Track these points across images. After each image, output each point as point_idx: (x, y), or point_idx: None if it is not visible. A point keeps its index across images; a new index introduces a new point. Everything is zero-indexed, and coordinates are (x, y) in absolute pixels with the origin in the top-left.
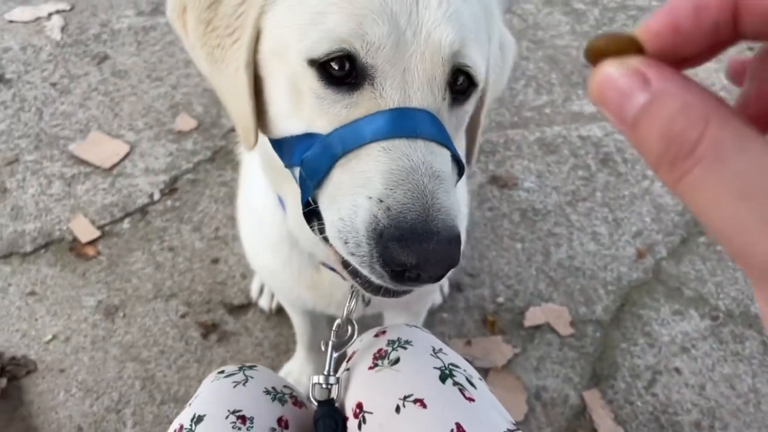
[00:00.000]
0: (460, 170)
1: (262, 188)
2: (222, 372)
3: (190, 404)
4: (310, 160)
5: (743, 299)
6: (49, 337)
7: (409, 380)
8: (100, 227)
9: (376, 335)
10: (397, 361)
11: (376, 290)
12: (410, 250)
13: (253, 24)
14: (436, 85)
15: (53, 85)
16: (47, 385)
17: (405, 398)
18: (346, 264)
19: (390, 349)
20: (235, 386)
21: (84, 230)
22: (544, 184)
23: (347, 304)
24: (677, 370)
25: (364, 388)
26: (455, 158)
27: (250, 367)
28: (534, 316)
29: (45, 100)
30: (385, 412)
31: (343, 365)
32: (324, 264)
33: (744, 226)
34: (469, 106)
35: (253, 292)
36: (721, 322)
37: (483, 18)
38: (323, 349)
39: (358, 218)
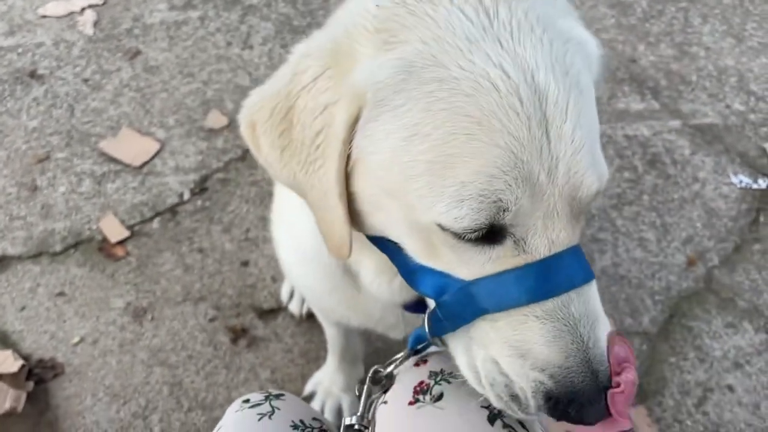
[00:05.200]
0: None
1: (309, 219)
2: (247, 401)
3: None
4: (451, 305)
5: None
6: (77, 339)
7: (454, 421)
8: (129, 227)
9: (416, 364)
10: (440, 397)
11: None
12: (585, 412)
13: (338, 155)
14: (575, 217)
15: (85, 81)
16: (74, 389)
17: None
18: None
19: (432, 382)
20: (260, 419)
21: (114, 230)
22: None
23: (400, 359)
24: (730, 388)
25: (404, 427)
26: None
27: (277, 396)
28: None
29: (77, 96)
30: None
31: (381, 397)
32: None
33: None
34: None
35: (284, 296)
36: None
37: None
38: (357, 394)
39: (523, 383)
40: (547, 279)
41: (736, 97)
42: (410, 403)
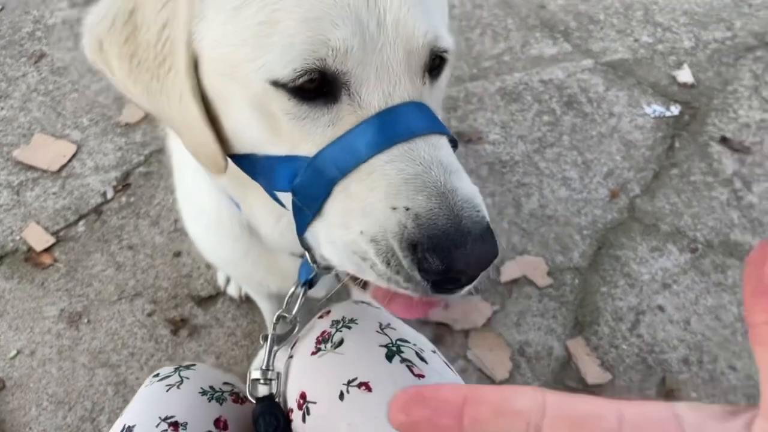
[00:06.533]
0: (454, 147)
1: (206, 185)
2: (156, 375)
3: (122, 414)
4: (304, 186)
5: (722, 228)
6: (14, 352)
7: (353, 363)
8: (54, 233)
9: (321, 316)
10: (341, 343)
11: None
12: (449, 257)
13: (185, 48)
14: (414, 73)
15: None
16: (17, 402)
17: (349, 383)
18: (354, 278)
19: (334, 330)
20: (168, 390)
21: (38, 238)
22: (509, 135)
23: (289, 296)
24: (660, 308)
25: (306, 375)
26: (450, 138)
27: (187, 367)
28: (510, 270)
29: None
30: (328, 401)
31: (287, 352)
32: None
33: None
34: (444, 79)
35: (221, 281)
36: (700, 253)
37: None
38: (261, 342)
39: (387, 232)
40: (387, 129)
41: (644, 30)
42: (312, 353)
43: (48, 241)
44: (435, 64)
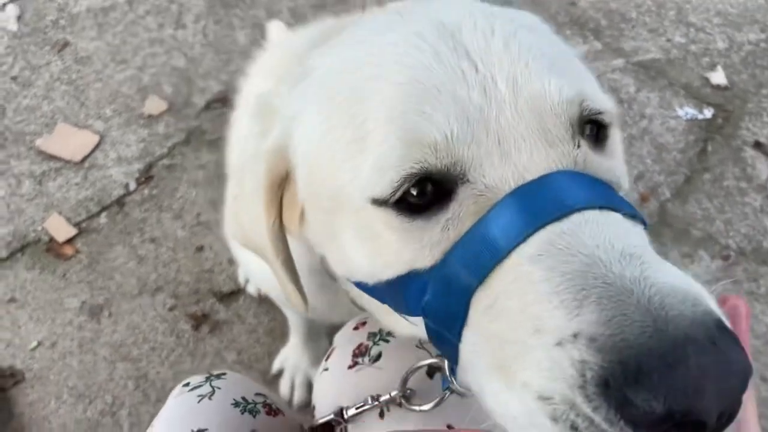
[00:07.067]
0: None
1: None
2: (187, 385)
3: (152, 426)
4: (435, 308)
5: (755, 235)
6: (35, 344)
7: (391, 378)
8: (76, 224)
9: (356, 327)
10: (378, 357)
11: None
12: (667, 384)
13: (265, 175)
14: (557, 138)
15: (14, 78)
16: (37, 395)
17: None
18: None
19: (371, 343)
20: (199, 401)
21: (60, 229)
22: None
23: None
24: None
25: (344, 390)
26: (630, 214)
27: (218, 376)
28: None
29: (7, 96)
30: (369, 418)
31: (322, 364)
32: None
33: None
34: (615, 147)
35: (241, 279)
36: (733, 261)
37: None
38: None
39: (558, 381)
40: (528, 204)
41: (676, 30)
42: (350, 367)
43: (70, 232)
44: (592, 133)
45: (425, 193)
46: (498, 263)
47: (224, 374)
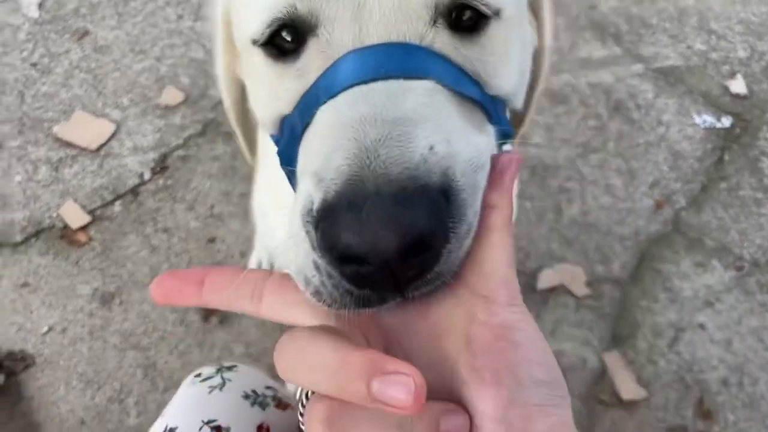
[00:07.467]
0: (506, 139)
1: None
2: (198, 375)
3: (163, 414)
4: (282, 150)
5: None
6: (46, 329)
7: None
8: (90, 212)
9: None
10: None
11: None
12: (338, 222)
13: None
14: (412, 10)
15: (33, 65)
16: (47, 379)
17: None
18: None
19: None
20: (210, 392)
21: (74, 216)
22: (553, 138)
23: None
24: (701, 326)
25: None
26: (469, 97)
27: (229, 368)
28: (547, 277)
29: (26, 82)
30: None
31: None
32: None
33: None
34: (498, 41)
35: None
36: (746, 272)
37: None
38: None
39: (301, 206)
40: (347, 69)
41: (697, 37)
42: None
43: (84, 220)
44: (468, 22)
45: (289, 41)
46: (310, 120)
47: (235, 366)
